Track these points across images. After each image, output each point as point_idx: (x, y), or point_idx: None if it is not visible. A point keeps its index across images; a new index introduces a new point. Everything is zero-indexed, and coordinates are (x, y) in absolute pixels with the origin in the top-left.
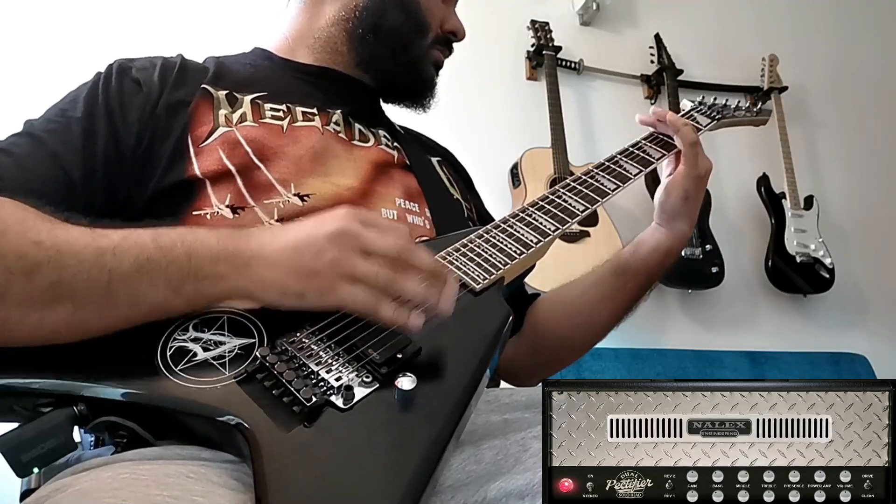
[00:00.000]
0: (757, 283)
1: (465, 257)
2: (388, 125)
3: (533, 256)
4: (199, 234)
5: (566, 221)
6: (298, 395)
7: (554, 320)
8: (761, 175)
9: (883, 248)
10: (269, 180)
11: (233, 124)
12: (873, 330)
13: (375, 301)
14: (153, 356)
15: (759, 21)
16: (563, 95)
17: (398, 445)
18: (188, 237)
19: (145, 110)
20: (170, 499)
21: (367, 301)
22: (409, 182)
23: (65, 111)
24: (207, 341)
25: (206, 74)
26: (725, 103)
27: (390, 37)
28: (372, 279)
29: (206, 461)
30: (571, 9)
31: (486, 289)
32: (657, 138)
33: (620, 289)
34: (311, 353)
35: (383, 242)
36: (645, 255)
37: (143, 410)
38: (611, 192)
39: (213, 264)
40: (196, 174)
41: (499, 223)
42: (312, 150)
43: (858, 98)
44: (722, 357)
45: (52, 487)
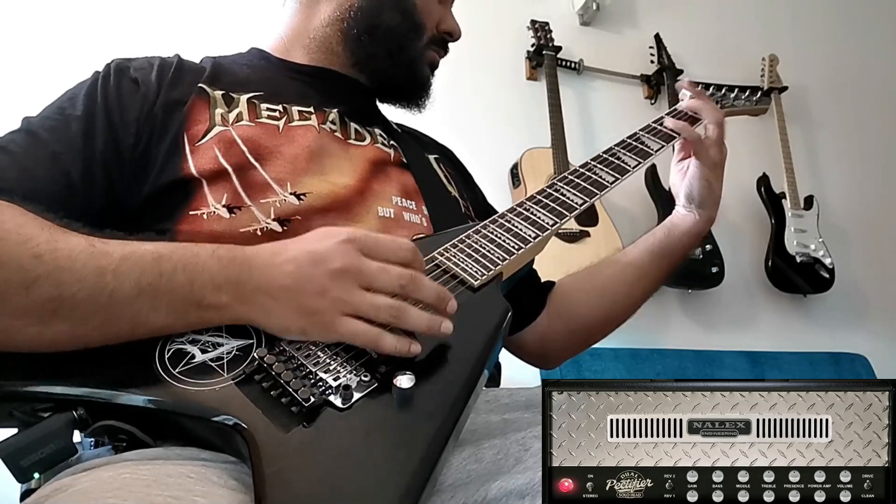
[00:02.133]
0: (757, 283)
1: (462, 253)
2: (385, 123)
3: (531, 251)
4: (200, 258)
5: (564, 215)
6: (297, 395)
7: (588, 299)
8: (761, 175)
9: (883, 248)
10: (266, 179)
11: (229, 123)
12: (873, 330)
13: (377, 335)
14: (151, 359)
15: (759, 21)
16: (563, 95)
17: (397, 444)
18: (189, 263)
19: (143, 110)
20: (170, 499)
21: (369, 335)
22: (405, 180)
23: (63, 109)
24: (205, 343)
25: (202, 74)
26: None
27: (386, 37)
28: (373, 315)
29: (206, 461)
30: (571, 9)
31: (485, 285)
32: (656, 130)
33: (656, 269)
34: (308, 354)
35: (387, 276)
36: (678, 238)
37: (142, 413)
38: (609, 184)
39: (216, 293)
40: (192, 173)
41: (496, 218)
42: (308, 150)
43: (858, 98)
44: (722, 357)
45: (52, 487)
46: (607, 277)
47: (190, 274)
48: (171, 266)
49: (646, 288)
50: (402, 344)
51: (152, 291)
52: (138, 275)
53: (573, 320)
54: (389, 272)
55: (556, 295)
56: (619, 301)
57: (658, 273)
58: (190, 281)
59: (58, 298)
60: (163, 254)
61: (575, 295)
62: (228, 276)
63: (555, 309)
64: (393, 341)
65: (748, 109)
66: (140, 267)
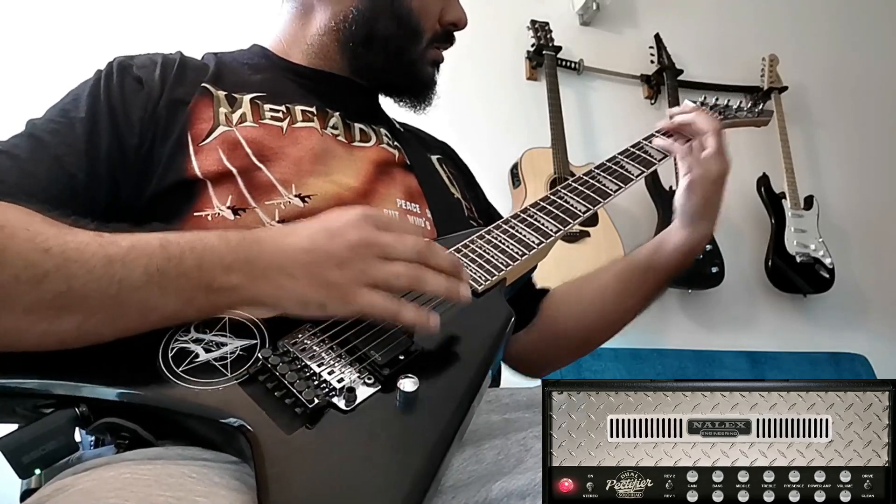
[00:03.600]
0: (757, 283)
1: (466, 258)
2: (388, 123)
3: (535, 257)
4: (208, 242)
5: (568, 222)
6: (300, 396)
7: (572, 312)
8: (761, 175)
9: (883, 248)
10: (271, 181)
11: (233, 124)
12: (873, 330)
13: (397, 306)
14: (155, 358)
15: (759, 21)
16: (563, 95)
17: (400, 447)
18: (197, 246)
19: (147, 109)
20: (172, 499)
21: (389, 307)
22: (409, 182)
23: (67, 111)
24: (209, 342)
25: (206, 72)
26: (727, 104)
27: (383, 47)
28: (395, 284)
29: (207, 461)
30: (571, 9)
31: (488, 290)
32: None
33: (641, 284)
34: (313, 355)
35: (403, 245)
36: (668, 253)
37: (144, 412)
38: (612, 192)
39: (226, 274)
40: (196, 174)
41: (500, 224)
42: (313, 151)
43: (858, 98)
44: (722, 357)
45: (53, 487)
46: (590, 292)
47: (198, 256)
48: (178, 250)
49: (631, 304)
50: (422, 315)
51: (160, 277)
52: (146, 261)
53: (559, 330)
54: (405, 241)
55: (546, 304)
56: (603, 316)
57: (645, 289)
58: (198, 264)
59: (67, 293)
60: (170, 240)
61: (561, 307)
62: (238, 256)
63: (544, 318)
64: (413, 312)
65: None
66: (147, 254)
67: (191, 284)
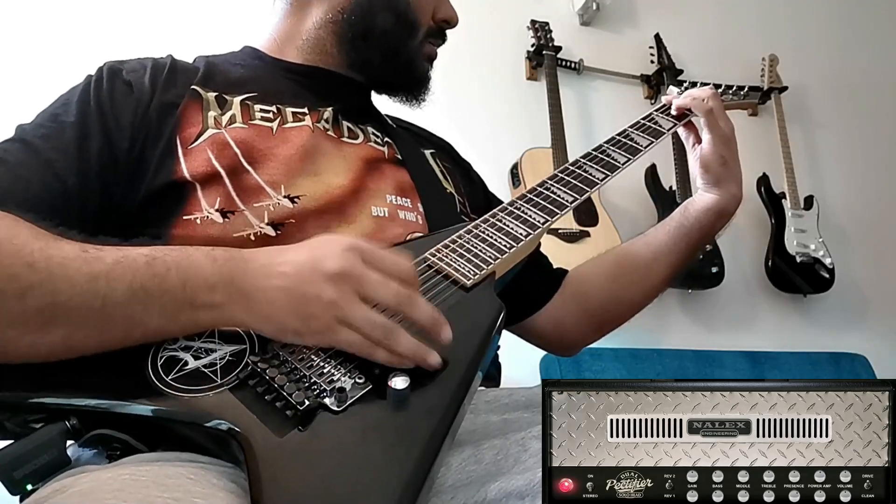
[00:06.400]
0: (757, 283)
1: (454, 253)
2: (379, 120)
3: (523, 250)
4: (194, 259)
5: (555, 213)
6: (291, 399)
7: (604, 281)
8: (761, 175)
9: (883, 248)
10: (259, 183)
11: (222, 126)
12: (873, 330)
13: (370, 348)
14: (144, 367)
15: (759, 21)
16: (563, 95)
17: (393, 446)
18: (183, 263)
19: (137, 113)
20: (170, 500)
21: (363, 348)
22: (400, 177)
23: (57, 116)
24: (198, 349)
25: (195, 75)
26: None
27: (381, 41)
28: (367, 331)
29: (204, 464)
30: (571, 9)
31: (477, 284)
32: (644, 126)
33: (674, 249)
34: (302, 357)
35: (384, 291)
36: (696, 214)
37: (135, 422)
38: (599, 181)
39: (209, 293)
40: (185, 176)
41: (488, 217)
42: (302, 149)
43: (858, 98)
44: (722, 357)
45: (51, 488)
46: (623, 258)
47: (183, 274)
48: (163, 267)
49: (663, 270)
50: (395, 360)
51: (144, 294)
52: (131, 278)
53: (589, 301)
54: (388, 286)
55: (570, 279)
56: (637, 282)
57: (676, 254)
58: (183, 281)
59: (52, 306)
60: (156, 256)
61: (590, 277)
62: (223, 276)
63: (570, 292)
64: (386, 355)
65: (736, 104)
66: (132, 270)
67: (174, 303)
